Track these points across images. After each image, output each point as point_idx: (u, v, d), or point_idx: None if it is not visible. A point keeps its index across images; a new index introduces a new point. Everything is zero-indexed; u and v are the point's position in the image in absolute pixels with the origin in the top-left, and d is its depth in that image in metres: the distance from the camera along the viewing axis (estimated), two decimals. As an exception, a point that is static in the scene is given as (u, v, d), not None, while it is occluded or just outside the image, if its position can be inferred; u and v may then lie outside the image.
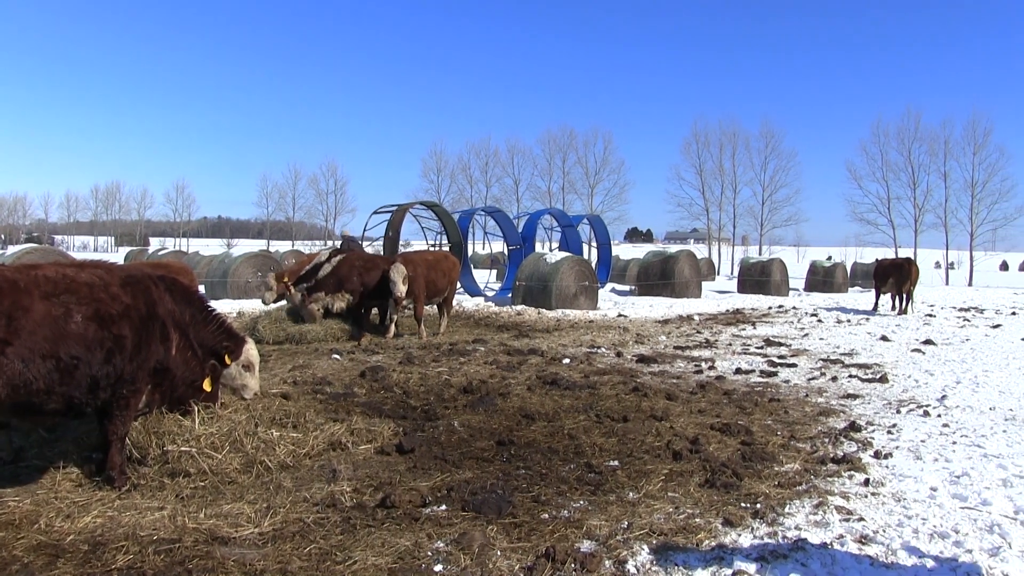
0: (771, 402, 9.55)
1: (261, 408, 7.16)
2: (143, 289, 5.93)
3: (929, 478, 6.41)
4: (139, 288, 5.90)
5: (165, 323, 6.05)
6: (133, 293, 5.81)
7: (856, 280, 46.62)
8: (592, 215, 47.04)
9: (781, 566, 4.62)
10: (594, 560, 4.55)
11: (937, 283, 58.97)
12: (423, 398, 9.38)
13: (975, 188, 65.64)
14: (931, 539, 5.10)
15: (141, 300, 5.85)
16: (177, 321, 6.25)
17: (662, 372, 11.97)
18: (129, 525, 5.06)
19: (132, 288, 5.84)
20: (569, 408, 8.83)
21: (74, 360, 5.35)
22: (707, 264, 56.83)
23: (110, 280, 5.73)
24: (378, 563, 4.53)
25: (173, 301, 6.29)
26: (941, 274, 69.23)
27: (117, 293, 5.69)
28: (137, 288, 5.88)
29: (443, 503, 5.62)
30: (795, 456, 7.07)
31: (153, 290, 6.03)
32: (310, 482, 6.01)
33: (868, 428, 8.22)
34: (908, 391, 10.59)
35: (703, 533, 5.09)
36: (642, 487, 6.04)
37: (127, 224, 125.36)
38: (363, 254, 17.10)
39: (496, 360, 12.42)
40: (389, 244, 26.54)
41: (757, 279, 36.48)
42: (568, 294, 23.99)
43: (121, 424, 5.86)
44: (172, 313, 6.20)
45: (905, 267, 24.68)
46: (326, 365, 11.65)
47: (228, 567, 4.42)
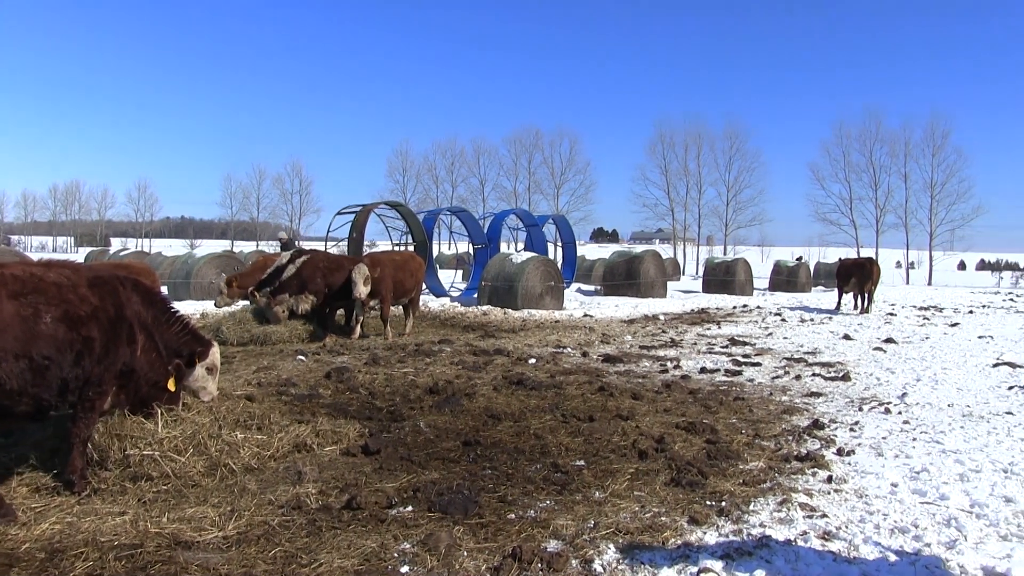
0: (736, 401, 9.61)
1: (225, 410, 7.08)
2: (111, 291, 5.85)
3: (890, 474, 6.50)
4: (107, 289, 5.82)
5: (132, 325, 5.98)
6: (101, 295, 5.73)
7: (819, 279, 47.07)
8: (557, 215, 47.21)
9: (746, 563, 4.65)
10: (561, 560, 4.56)
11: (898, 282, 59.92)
12: (389, 399, 9.34)
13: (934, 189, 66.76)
14: (892, 534, 5.17)
15: (109, 302, 5.78)
16: (143, 322, 6.18)
17: (628, 372, 12.02)
18: (89, 531, 4.97)
19: (100, 289, 5.76)
20: (535, 408, 8.83)
21: (46, 361, 5.27)
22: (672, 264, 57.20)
23: (78, 281, 5.65)
24: (344, 565, 4.51)
25: (139, 302, 6.22)
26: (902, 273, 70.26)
27: (85, 294, 5.61)
28: (105, 290, 5.80)
29: (409, 504, 5.60)
30: (759, 454, 7.12)
31: (121, 291, 5.96)
32: (275, 484, 5.96)
33: (831, 426, 8.31)
34: (870, 389, 10.72)
35: (669, 531, 5.11)
36: (608, 486, 6.05)
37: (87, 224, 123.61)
38: (328, 255, 16.98)
39: (462, 360, 12.40)
40: (353, 245, 26.43)
41: (722, 279, 36.72)
42: (534, 294, 24.01)
43: (85, 427, 5.77)
44: (138, 315, 6.13)
45: (867, 267, 25.01)
46: (291, 366, 11.57)
47: (192, 572, 4.37)
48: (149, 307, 6.42)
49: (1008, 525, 5.33)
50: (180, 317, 6.81)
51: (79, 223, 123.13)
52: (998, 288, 52.50)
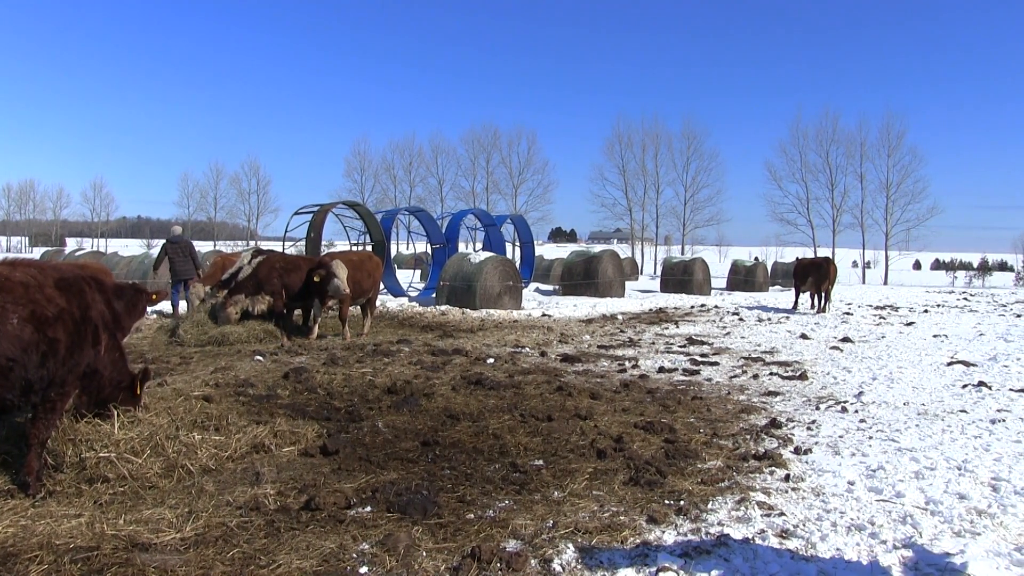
0: (694, 400, 9.68)
1: (182, 411, 7.02)
2: (77, 292, 5.78)
3: (847, 472, 6.58)
4: (73, 291, 5.75)
5: (97, 326, 5.91)
6: (67, 296, 5.66)
7: (777, 279, 47.60)
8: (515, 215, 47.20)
9: (704, 562, 4.68)
10: (520, 559, 4.56)
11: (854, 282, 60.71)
12: (347, 399, 9.29)
13: (890, 189, 67.74)
14: (849, 531, 5.22)
15: (75, 303, 5.70)
16: (107, 323, 6.12)
17: (586, 371, 12.06)
18: (44, 534, 4.89)
19: (66, 291, 5.68)
20: (494, 408, 8.83)
21: (10, 362, 5.20)
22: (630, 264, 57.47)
23: (44, 281, 5.57)
24: (303, 566, 4.48)
25: (103, 302, 6.15)
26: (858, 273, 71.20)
27: (52, 295, 5.53)
28: (72, 291, 5.72)
29: (368, 504, 5.57)
30: (718, 453, 7.18)
31: (87, 292, 5.89)
32: (233, 485, 5.91)
33: (788, 425, 8.39)
34: (827, 388, 10.84)
35: (628, 531, 5.13)
36: (567, 486, 6.07)
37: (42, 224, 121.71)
38: (285, 255, 16.85)
39: (420, 360, 12.37)
40: (311, 245, 26.27)
41: (680, 278, 36.94)
42: (492, 294, 24.01)
43: (45, 428, 5.69)
44: (103, 315, 6.06)
45: (824, 266, 25.27)
46: (249, 367, 11.47)
47: (149, 574, 4.32)
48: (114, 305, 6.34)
49: (962, 522, 5.41)
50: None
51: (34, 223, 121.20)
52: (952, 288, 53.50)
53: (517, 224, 40.78)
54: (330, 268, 14.85)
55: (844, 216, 69.65)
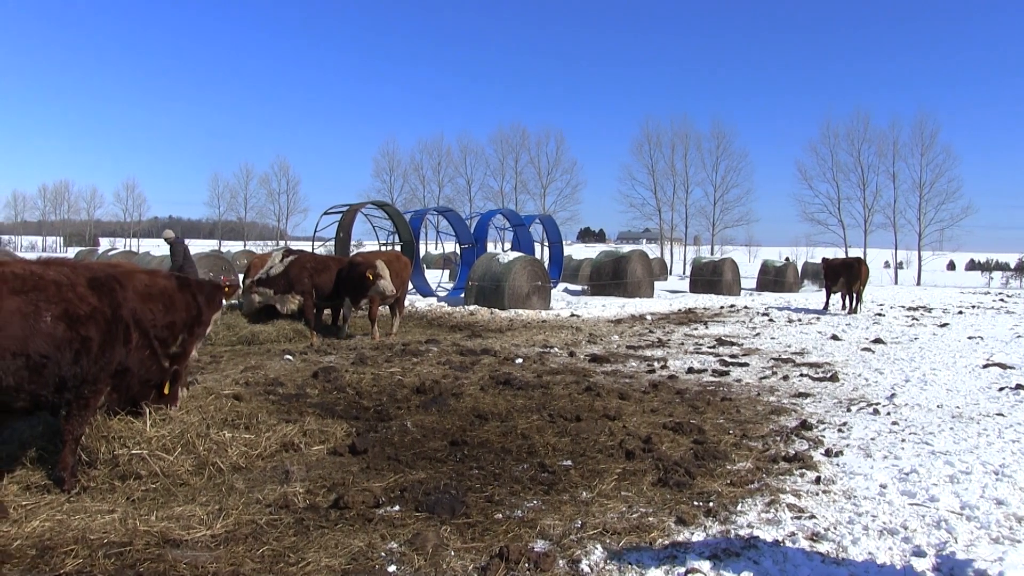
0: (723, 401, 9.63)
1: (213, 409, 7.08)
2: (109, 290, 5.85)
3: (879, 475, 6.50)
4: (105, 289, 5.82)
5: (128, 325, 5.98)
6: (99, 294, 5.74)
7: (807, 279, 47.19)
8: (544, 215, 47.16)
9: (734, 564, 4.65)
10: (548, 560, 4.55)
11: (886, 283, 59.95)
12: (376, 399, 9.33)
13: (923, 189, 66.69)
14: (881, 535, 5.16)
15: (107, 302, 5.78)
16: (137, 321, 6.18)
17: (615, 372, 12.03)
18: (79, 528, 4.97)
19: (98, 289, 5.76)
20: (522, 408, 8.83)
21: (43, 359, 5.28)
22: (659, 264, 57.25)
23: (76, 280, 5.65)
24: (331, 564, 4.50)
25: (134, 300, 6.22)
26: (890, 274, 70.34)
27: (84, 293, 5.61)
28: (103, 289, 5.80)
29: (396, 504, 5.59)
30: (747, 454, 7.13)
31: (118, 291, 5.96)
32: (263, 483, 5.95)
33: (819, 426, 8.32)
34: (858, 389, 10.74)
35: (656, 532, 5.12)
36: (595, 486, 6.05)
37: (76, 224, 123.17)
38: (315, 255, 16.93)
39: (449, 360, 12.39)
40: (340, 245, 26.37)
41: (709, 279, 36.76)
42: (521, 294, 24.00)
43: (78, 424, 5.78)
44: (134, 313, 6.13)
45: (855, 267, 25.00)
46: (278, 366, 11.55)
47: (180, 570, 4.36)
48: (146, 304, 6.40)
49: (1000, 528, 5.31)
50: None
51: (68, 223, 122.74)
52: (988, 288, 52.57)
53: (546, 224, 40.75)
54: (377, 268, 14.96)
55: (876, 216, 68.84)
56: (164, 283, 6.91)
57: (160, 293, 6.76)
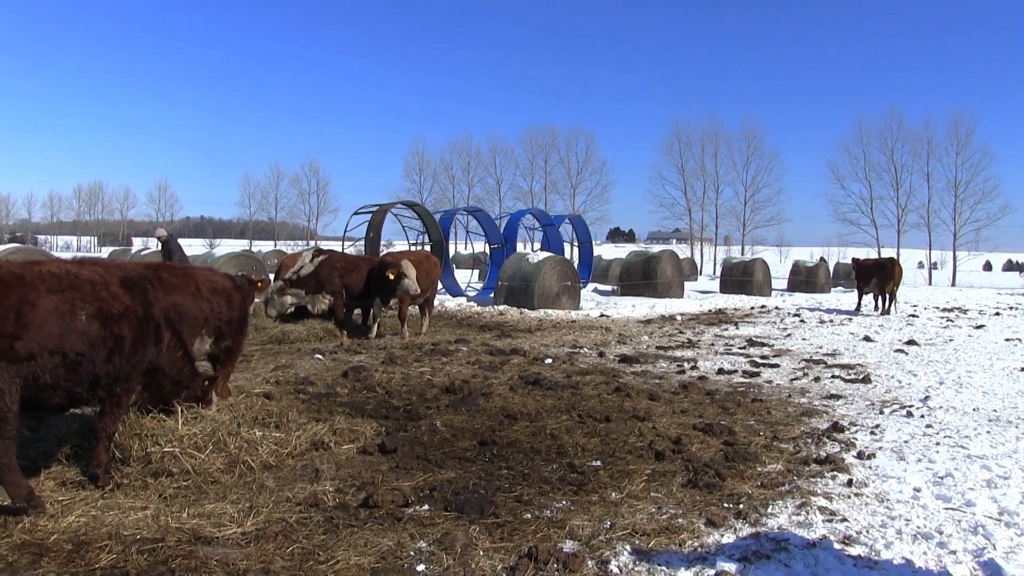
0: (754, 402, 9.57)
1: (244, 408, 7.16)
2: (141, 290, 5.94)
3: (912, 479, 6.42)
4: (137, 289, 5.91)
5: (159, 324, 6.05)
6: (132, 294, 5.82)
7: (839, 280, 46.83)
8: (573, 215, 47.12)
9: (764, 567, 4.63)
10: (576, 560, 4.55)
11: (920, 283, 59.28)
12: (405, 398, 9.36)
13: (958, 188, 66.06)
14: (915, 540, 5.10)
15: (139, 301, 5.86)
16: (169, 319, 6.26)
17: (644, 372, 11.99)
18: (112, 524, 5.04)
19: (131, 288, 5.84)
20: (551, 408, 8.82)
21: (79, 357, 5.36)
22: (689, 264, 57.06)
23: (110, 279, 5.75)
24: (361, 563, 4.52)
25: (165, 299, 6.31)
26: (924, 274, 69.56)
27: (117, 292, 5.71)
28: (135, 289, 5.89)
29: (425, 503, 5.60)
30: (778, 456, 7.08)
31: (150, 291, 6.04)
32: (293, 482, 6.00)
33: (851, 429, 8.24)
34: (891, 392, 10.62)
35: (686, 533, 5.09)
36: (624, 487, 6.04)
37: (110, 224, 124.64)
38: (345, 255, 17.00)
39: (478, 360, 12.40)
40: (370, 244, 26.47)
41: (739, 279, 36.58)
42: (550, 294, 23.98)
43: (112, 422, 5.89)
44: (165, 312, 6.21)
45: (888, 267, 24.71)
46: (308, 365, 11.61)
47: (211, 567, 4.40)
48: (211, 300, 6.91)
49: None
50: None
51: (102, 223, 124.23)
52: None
53: (575, 224, 40.68)
54: (401, 268, 15.02)
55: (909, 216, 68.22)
56: (223, 281, 7.77)
57: (222, 290, 7.61)
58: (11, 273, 5.17)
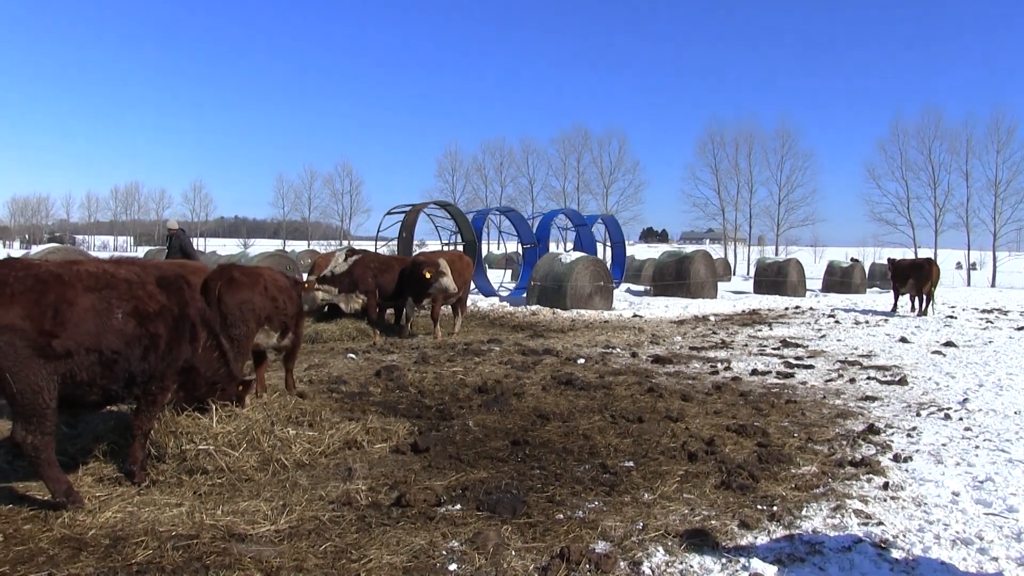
0: (788, 403, 9.49)
1: (277, 406, 7.22)
2: (176, 289, 6.00)
3: (951, 483, 6.32)
4: (173, 288, 5.97)
5: (195, 324, 6.12)
6: (167, 293, 5.88)
7: (874, 281, 46.37)
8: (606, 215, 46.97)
9: (798, 569, 4.59)
10: (609, 561, 4.53)
11: (958, 284, 58.48)
12: (438, 397, 9.38)
13: (998, 187, 64.80)
14: (954, 545, 5.02)
15: (174, 300, 5.93)
16: (205, 320, 6.32)
17: (677, 373, 11.94)
18: (148, 521, 5.11)
19: (166, 288, 5.91)
20: (584, 408, 8.81)
21: (115, 354, 5.43)
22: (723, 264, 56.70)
23: (146, 278, 5.82)
24: (393, 562, 4.53)
25: (202, 301, 6.40)
26: (962, 275, 68.60)
27: (153, 292, 5.77)
28: (171, 288, 5.96)
29: (458, 502, 5.61)
30: (812, 458, 7.02)
31: (185, 290, 6.11)
32: (326, 480, 6.03)
33: (887, 431, 8.15)
34: (928, 394, 10.48)
35: (719, 535, 5.06)
36: (657, 488, 6.01)
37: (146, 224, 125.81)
38: (378, 255, 17.07)
39: (511, 360, 12.40)
40: (403, 244, 26.56)
41: (773, 279, 36.32)
42: (583, 294, 23.94)
43: (147, 419, 5.96)
44: (202, 312, 6.27)
45: (925, 267, 24.36)
46: (341, 364, 11.67)
47: (245, 564, 4.43)
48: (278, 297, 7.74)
49: (1087, 543, 5.10)
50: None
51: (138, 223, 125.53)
52: (1073, 290, 50.85)
53: (608, 224, 40.59)
54: (439, 267, 15.08)
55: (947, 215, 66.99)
56: (283, 280, 8.75)
57: (286, 288, 8.66)
58: (49, 272, 5.25)
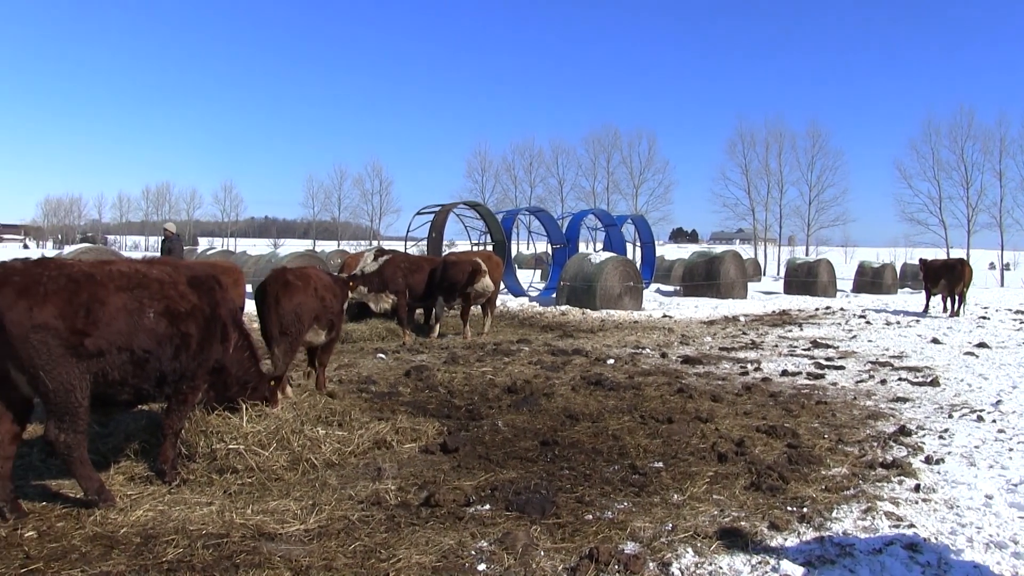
0: (818, 404, 9.43)
1: (307, 406, 7.26)
2: (207, 289, 6.06)
3: (984, 485, 6.25)
4: (204, 288, 6.02)
5: (226, 324, 6.17)
6: (199, 293, 5.93)
7: (906, 281, 45.89)
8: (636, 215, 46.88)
9: (828, 571, 4.56)
10: (638, 562, 4.52)
11: (991, 284, 57.70)
12: (467, 398, 9.40)
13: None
14: (987, 549, 4.97)
15: (206, 300, 5.98)
16: (236, 321, 6.38)
17: (707, 373, 11.90)
18: (179, 519, 5.16)
19: (198, 288, 5.96)
20: (613, 409, 8.79)
21: (146, 354, 5.49)
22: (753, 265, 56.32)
23: (177, 278, 5.87)
24: (422, 561, 4.55)
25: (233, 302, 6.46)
26: (995, 275, 67.71)
27: (185, 292, 5.82)
28: (202, 288, 6.01)
29: (487, 503, 5.62)
30: (843, 460, 6.97)
31: (216, 291, 6.16)
32: (355, 480, 6.06)
33: (919, 432, 8.08)
34: (961, 395, 10.37)
35: (748, 536, 5.04)
36: (687, 489, 6.00)
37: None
38: (408, 256, 17.14)
39: (540, 360, 12.41)
40: (432, 244, 26.63)
41: (804, 280, 36.07)
42: (612, 294, 23.90)
43: (178, 419, 6.03)
44: (233, 313, 6.33)
45: (958, 267, 24.07)
46: (371, 364, 11.72)
47: (274, 563, 4.46)
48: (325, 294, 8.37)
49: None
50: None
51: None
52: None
53: (638, 224, 40.53)
54: (480, 267, 15.16)
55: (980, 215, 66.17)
56: (328, 279, 9.48)
57: (332, 286, 9.37)
58: (82, 271, 5.30)
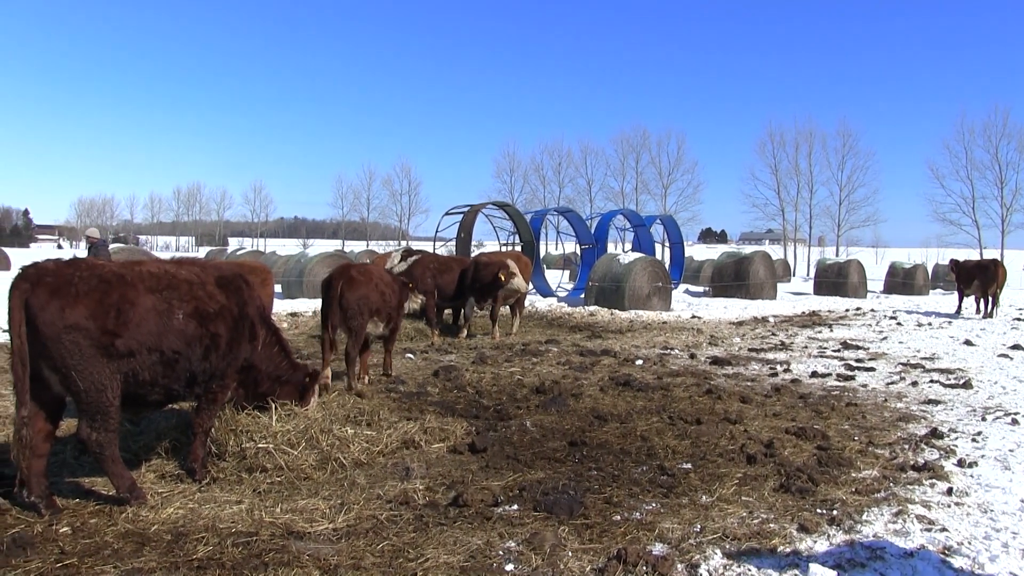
0: (848, 406, 9.36)
1: (336, 406, 7.30)
2: (236, 289, 6.11)
3: (1019, 489, 6.17)
4: (232, 288, 6.07)
5: (254, 323, 6.21)
6: (227, 293, 5.98)
7: (938, 282, 45.38)
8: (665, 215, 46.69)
9: (859, 575, 4.52)
10: (666, 563, 4.51)
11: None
12: (496, 398, 9.41)
13: (1071, 185, 63.06)
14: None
15: (234, 300, 6.03)
16: (264, 318, 6.42)
17: (736, 374, 11.84)
18: (209, 517, 5.21)
19: (226, 288, 6.01)
20: (642, 409, 8.77)
21: (176, 354, 5.55)
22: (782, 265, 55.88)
23: (206, 279, 5.92)
24: (450, 561, 4.56)
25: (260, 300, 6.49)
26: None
27: (213, 292, 5.88)
28: (230, 288, 6.06)
29: (515, 503, 5.63)
30: (873, 462, 6.91)
31: (244, 290, 6.20)
32: (383, 480, 6.08)
33: (951, 435, 7.99)
34: (994, 398, 10.25)
35: (777, 538, 5.02)
36: (715, 490, 5.97)
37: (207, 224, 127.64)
38: (437, 256, 17.19)
39: (569, 361, 12.40)
40: (461, 244, 26.67)
41: (834, 281, 35.79)
42: (641, 295, 23.83)
43: (208, 418, 6.09)
44: (261, 311, 6.37)
45: (991, 268, 23.78)
46: (400, 364, 11.76)
47: (303, 561, 4.49)
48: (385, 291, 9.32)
49: None
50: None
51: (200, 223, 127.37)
52: None
53: (666, 224, 40.35)
54: (509, 268, 15.18)
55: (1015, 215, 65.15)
56: (389, 277, 10.56)
57: (391, 283, 10.36)
58: (112, 272, 5.36)
